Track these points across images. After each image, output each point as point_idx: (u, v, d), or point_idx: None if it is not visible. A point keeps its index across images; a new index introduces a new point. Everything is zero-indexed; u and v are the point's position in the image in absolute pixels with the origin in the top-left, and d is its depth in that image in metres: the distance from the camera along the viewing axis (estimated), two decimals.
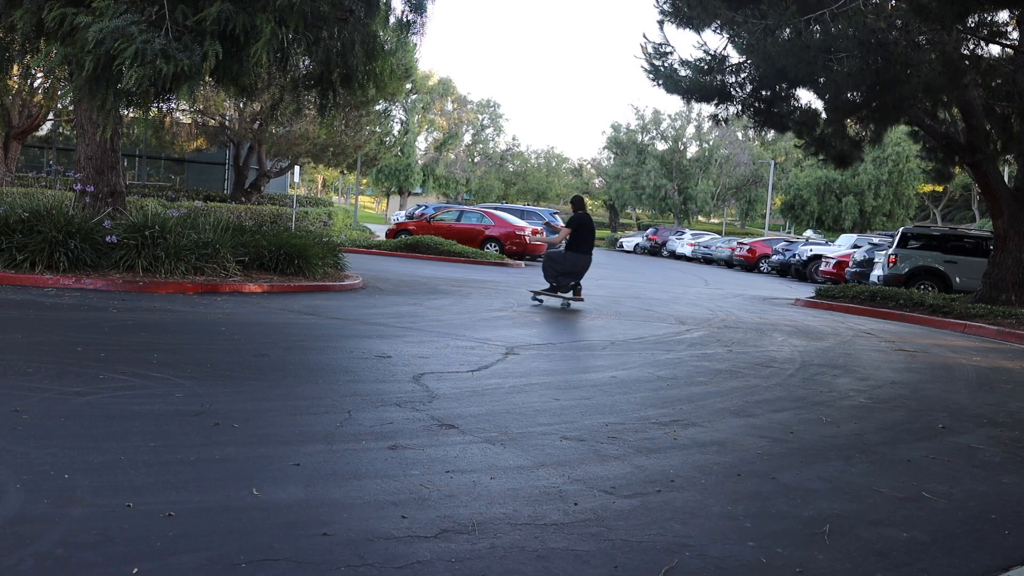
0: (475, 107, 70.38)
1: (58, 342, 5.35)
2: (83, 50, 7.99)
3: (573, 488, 3.25)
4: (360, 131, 26.68)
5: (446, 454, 3.56)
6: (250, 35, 8.47)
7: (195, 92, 8.90)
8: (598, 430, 4.17)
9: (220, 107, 24.50)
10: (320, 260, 10.88)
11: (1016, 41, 13.07)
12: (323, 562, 2.38)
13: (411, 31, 11.11)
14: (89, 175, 10.13)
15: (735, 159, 60.61)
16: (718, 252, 35.29)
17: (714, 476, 3.57)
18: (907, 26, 11.28)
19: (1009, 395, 6.39)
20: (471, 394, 4.78)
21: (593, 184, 73.85)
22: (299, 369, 5.19)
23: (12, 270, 8.24)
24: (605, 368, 6.06)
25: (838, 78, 11.41)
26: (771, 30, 11.48)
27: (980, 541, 3.07)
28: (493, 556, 2.53)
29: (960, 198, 53.24)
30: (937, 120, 14.45)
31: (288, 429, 3.74)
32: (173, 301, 7.83)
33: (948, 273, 15.88)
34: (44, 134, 28.38)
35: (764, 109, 14.30)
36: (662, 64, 14.36)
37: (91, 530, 2.45)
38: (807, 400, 5.50)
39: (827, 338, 9.25)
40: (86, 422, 3.55)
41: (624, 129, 62.42)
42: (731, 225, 67.08)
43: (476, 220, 23.66)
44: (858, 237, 27.43)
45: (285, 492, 2.93)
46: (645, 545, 2.73)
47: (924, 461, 4.12)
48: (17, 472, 2.87)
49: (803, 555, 2.76)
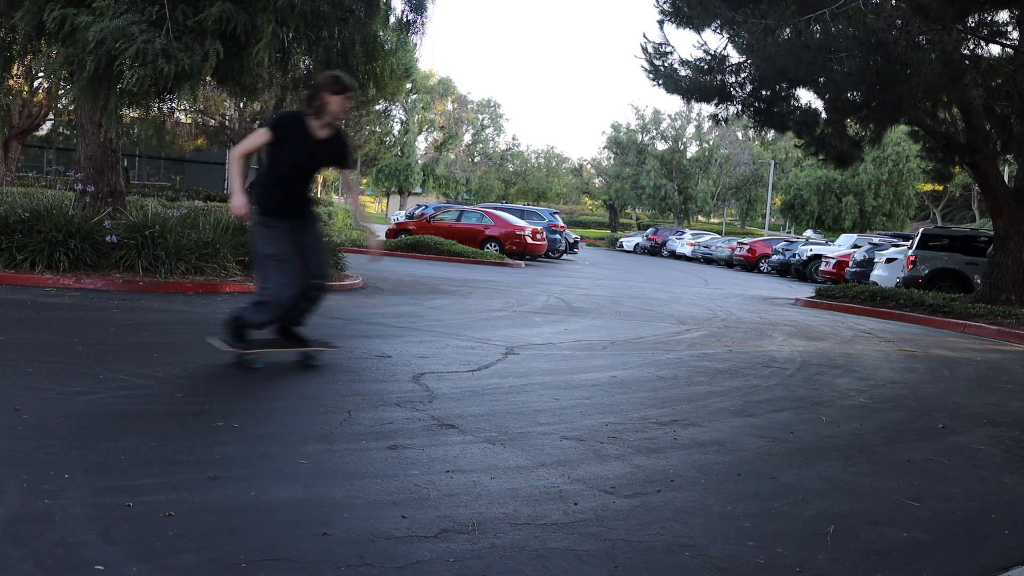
0: (475, 107, 70.39)
1: (58, 342, 5.35)
2: (84, 50, 7.99)
3: (573, 488, 3.25)
4: (360, 131, 26.69)
5: (446, 454, 3.56)
6: (251, 35, 8.47)
7: (196, 92, 8.90)
8: (598, 430, 4.17)
9: (220, 107, 24.50)
10: None
11: (1016, 41, 13.07)
12: (323, 562, 2.39)
13: (411, 31, 11.11)
14: (89, 175, 10.13)
15: (735, 159, 60.63)
16: (718, 252, 35.30)
17: (714, 476, 3.57)
18: (907, 26, 11.28)
19: (1009, 395, 6.40)
20: (471, 394, 4.78)
21: (593, 184, 73.87)
22: (299, 369, 5.19)
23: (12, 270, 8.24)
24: (605, 368, 6.07)
25: (838, 78, 11.41)
26: (771, 30, 11.48)
27: (980, 541, 3.07)
28: (493, 556, 2.53)
29: (960, 198, 53.27)
30: (937, 120, 14.45)
31: (288, 429, 3.74)
32: (173, 301, 7.84)
33: (968, 275, 15.50)
34: (44, 134, 28.40)
35: (764, 109, 14.31)
36: (662, 64, 14.37)
37: (91, 530, 2.45)
38: (807, 400, 5.50)
39: (827, 338, 9.26)
40: (86, 422, 3.55)
41: (624, 129, 62.43)
42: (731, 225, 67.10)
43: (476, 220, 23.67)
44: (858, 237, 27.43)
45: (285, 492, 2.93)
46: (645, 545, 2.73)
47: (924, 461, 4.12)
48: (17, 472, 2.87)
49: (803, 555, 2.76)
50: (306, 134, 4.83)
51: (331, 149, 4.97)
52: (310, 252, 5.01)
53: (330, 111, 4.80)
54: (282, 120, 4.88)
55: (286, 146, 4.81)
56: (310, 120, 4.84)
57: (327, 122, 4.86)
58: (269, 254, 4.88)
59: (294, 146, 4.81)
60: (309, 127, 4.84)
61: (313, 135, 4.85)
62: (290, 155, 4.83)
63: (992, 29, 12.87)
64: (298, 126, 4.83)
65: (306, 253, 4.98)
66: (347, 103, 4.85)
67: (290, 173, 4.90)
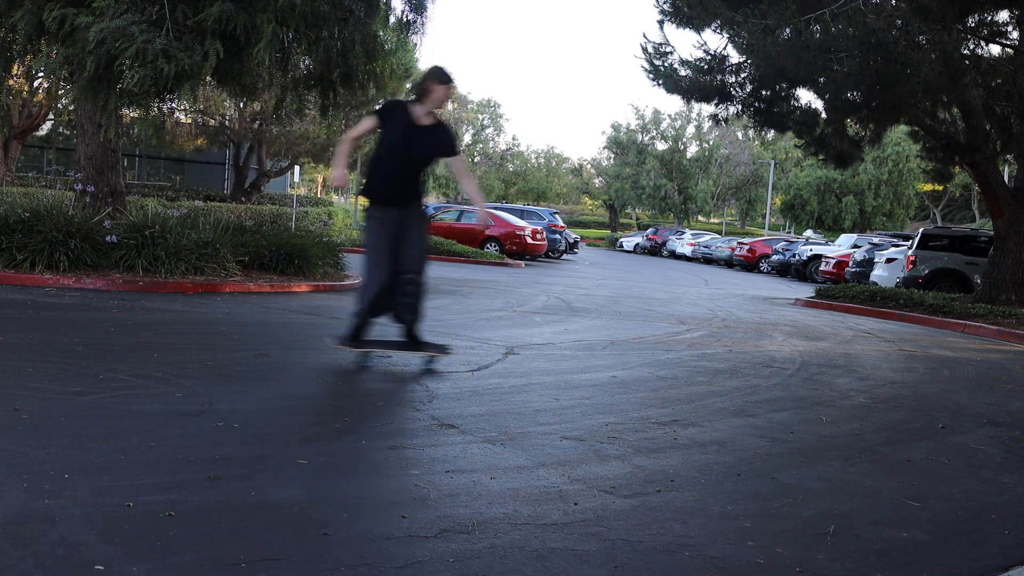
0: (475, 107, 70.37)
1: (58, 342, 5.35)
2: (84, 50, 7.99)
3: (573, 488, 3.25)
4: None
5: (446, 454, 3.56)
6: (251, 35, 8.46)
7: (196, 92, 8.90)
8: (598, 430, 4.17)
9: (220, 107, 24.50)
10: (320, 260, 10.88)
11: (1016, 41, 13.07)
12: (323, 562, 2.38)
13: (411, 31, 11.11)
14: (89, 175, 10.14)
15: (735, 159, 60.62)
16: (718, 252, 35.30)
17: (714, 476, 3.57)
18: (907, 26, 11.28)
19: (1009, 395, 6.40)
20: (471, 394, 4.78)
21: (593, 184, 73.86)
22: (299, 369, 5.19)
23: (12, 270, 8.24)
24: (605, 368, 6.06)
25: (838, 78, 11.41)
26: (771, 30, 11.47)
27: (980, 541, 3.07)
28: (493, 556, 2.53)
29: (960, 198, 53.26)
30: (937, 120, 14.45)
31: (288, 429, 3.74)
32: (173, 301, 7.84)
33: (968, 275, 15.45)
34: (44, 134, 28.37)
35: (764, 109, 14.31)
36: (662, 64, 14.37)
37: (91, 530, 2.45)
38: (807, 400, 5.50)
39: (827, 338, 9.26)
40: (86, 422, 3.55)
41: (624, 129, 62.41)
42: (731, 225, 67.07)
43: (476, 220, 23.66)
44: (858, 237, 27.43)
45: (285, 492, 2.93)
46: (645, 545, 2.73)
47: (924, 461, 4.12)
48: (17, 472, 2.87)
49: (803, 555, 2.76)
50: (408, 120, 5.08)
51: (435, 137, 5.18)
52: (408, 245, 5.12)
53: (433, 98, 5.09)
54: (386, 107, 5.20)
55: (389, 132, 5.09)
56: (413, 107, 5.11)
57: (429, 109, 5.13)
58: (366, 241, 5.12)
59: (396, 131, 5.07)
60: (412, 113, 5.10)
61: (416, 121, 5.09)
62: (392, 139, 5.07)
63: (992, 29, 12.87)
64: (401, 112, 5.11)
65: (404, 246, 5.11)
66: (449, 93, 5.18)
67: (392, 157, 5.09)
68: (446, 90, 5.12)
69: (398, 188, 5.11)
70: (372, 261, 5.05)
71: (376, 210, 5.09)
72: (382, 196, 5.09)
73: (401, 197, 5.12)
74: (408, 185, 5.16)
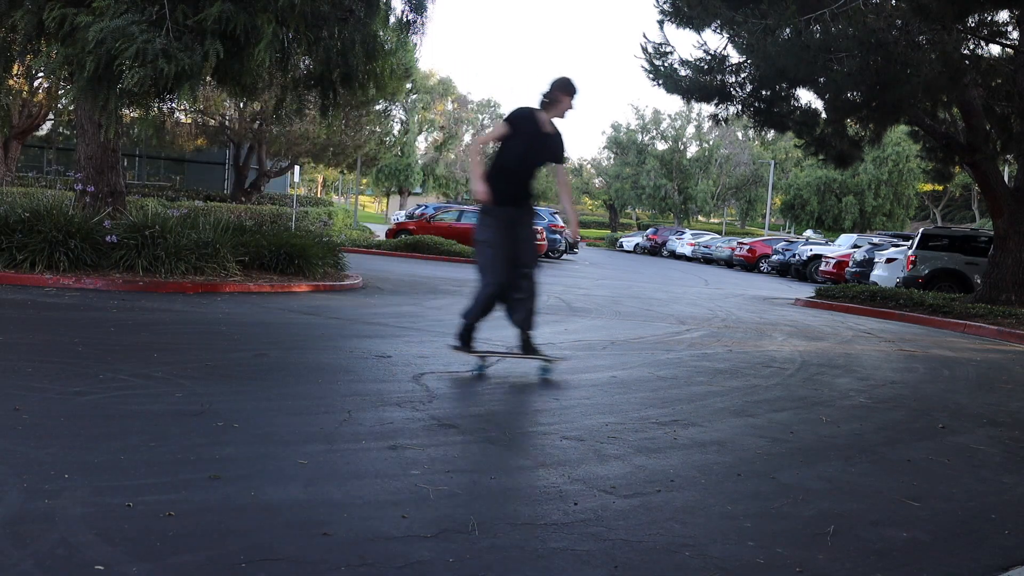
0: (475, 107, 70.34)
1: (58, 342, 5.36)
2: (84, 50, 7.99)
3: (573, 488, 3.25)
4: (360, 131, 26.67)
5: (446, 454, 3.56)
6: (251, 35, 8.46)
7: (196, 92, 8.90)
8: (598, 430, 4.17)
9: (220, 107, 24.49)
10: (320, 260, 10.88)
11: (1016, 41, 13.07)
12: (323, 562, 2.38)
13: (411, 31, 11.11)
14: (89, 175, 10.13)
15: (735, 159, 60.60)
16: (718, 252, 35.29)
17: (714, 476, 3.57)
18: (907, 26, 11.28)
19: (1009, 395, 6.40)
20: (471, 394, 4.78)
21: (593, 184, 73.82)
22: (299, 369, 5.19)
23: (12, 270, 8.24)
24: (605, 368, 6.06)
25: (838, 78, 11.41)
26: (771, 30, 11.48)
27: (980, 541, 3.07)
28: (493, 556, 2.53)
29: (960, 198, 53.25)
30: (937, 120, 14.45)
31: (288, 429, 3.73)
32: (173, 301, 7.84)
33: (968, 275, 15.43)
34: (44, 134, 28.36)
35: (764, 109, 14.31)
36: (662, 64, 14.36)
37: (91, 530, 2.45)
38: (807, 400, 5.50)
39: (827, 338, 9.26)
40: (86, 422, 3.55)
41: (624, 129, 62.38)
42: (731, 225, 67.07)
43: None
44: (858, 237, 27.42)
45: (285, 492, 2.93)
46: (645, 545, 2.73)
47: (924, 461, 4.12)
48: (17, 472, 2.87)
49: (803, 555, 2.76)
50: (537, 127, 5.32)
51: (553, 144, 5.44)
52: (522, 243, 5.29)
53: (560, 108, 5.36)
54: (519, 114, 5.34)
55: (520, 138, 5.24)
56: (540, 114, 5.35)
57: (552, 118, 5.38)
58: (482, 240, 5.23)
59: (527, 138, 5.26)
60: (540, 121, 5.34)
61: (543, 128, 5.34)
62: (522, 146, 5.25)
63: (992, 29, 12.87)
64: (531, 120, 5.31)
65: (518, 243, 5.26)
66: (571, 104, 5.42)
67: (520, 161, 5.27)
68: (570, 101, 5.37)
69: (519, 190, 5.36)
70: (490, 260, 5.21)
71: (495, 210, 5.23)
72: (505, 198, 5.24)
73: (520, 198, 5.37)
74: (526, 187, 5.42)
